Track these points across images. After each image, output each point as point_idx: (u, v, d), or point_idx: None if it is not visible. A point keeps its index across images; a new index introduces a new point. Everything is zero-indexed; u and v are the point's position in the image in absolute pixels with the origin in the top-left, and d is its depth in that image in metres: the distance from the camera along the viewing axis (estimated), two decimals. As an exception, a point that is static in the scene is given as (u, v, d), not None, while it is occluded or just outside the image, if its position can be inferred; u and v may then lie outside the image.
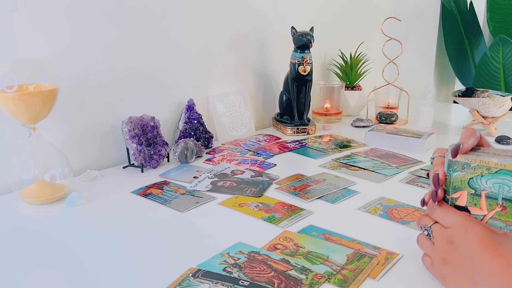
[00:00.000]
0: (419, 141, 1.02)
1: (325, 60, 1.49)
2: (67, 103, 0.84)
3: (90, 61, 0.87)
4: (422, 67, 1.84)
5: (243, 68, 1.20)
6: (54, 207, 0.72)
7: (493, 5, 1.82)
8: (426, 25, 1.80)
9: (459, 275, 0.46)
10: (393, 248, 0.58)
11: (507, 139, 1.08)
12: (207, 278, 0.51)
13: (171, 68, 1.02)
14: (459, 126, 1.28)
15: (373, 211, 0.70)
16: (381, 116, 1.32)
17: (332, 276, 0.52)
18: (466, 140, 0.49)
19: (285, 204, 0.72)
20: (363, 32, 1.59)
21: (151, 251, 0.58)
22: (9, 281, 0.52)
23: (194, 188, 0.79)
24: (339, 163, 0.93)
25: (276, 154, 1.00)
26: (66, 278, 0.52)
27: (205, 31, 1.08)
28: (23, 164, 0.72)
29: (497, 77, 1.77)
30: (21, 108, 0.68)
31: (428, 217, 0.52)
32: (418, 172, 0.88)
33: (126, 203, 0.74)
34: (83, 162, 0.89)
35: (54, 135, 0.82)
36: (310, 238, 0.61)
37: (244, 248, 0.58)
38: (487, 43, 1.96)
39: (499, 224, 0.47)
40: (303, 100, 1.19)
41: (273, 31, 1.26)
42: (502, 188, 0.46)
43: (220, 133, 1.12)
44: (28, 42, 0.78)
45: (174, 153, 0.93)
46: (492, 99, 1.12)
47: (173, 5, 0.99)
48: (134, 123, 0.88)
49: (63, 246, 0.60)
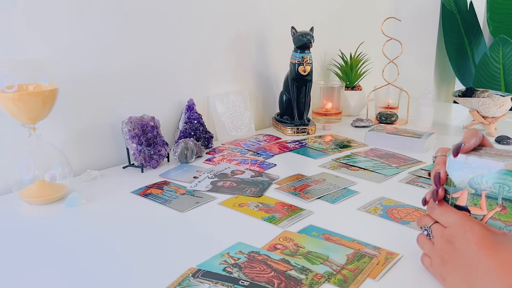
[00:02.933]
0: (419, 141, 1.02)
1: (325, 60, 1.49)
2: (67, 103, 0.84)
3: (90, 61, 0.87)
4: (422, 67, 1.84)
5: (243, 68, 1.20)
6: (54, 207, 0.72)
7: (493, 5, 1.82)
8: (426, 25, 1.80)
9: (457, 275, 0.46)
10: (393, 248, 0.58)
11: (507, 139, 1.08)
12: (207, 278, 0.51)
13: (171, 68, 1.02)
14: (459, 126, 1.28)
15: (373, 211, 0.70)
16: (381, 116, 1.32)
17: (332, 276, 0.52)
18: (468, 140, 0.49)
19: (285, 204, 0.72)
20: (363, 32, 1.59)
21: (151, 251, 0.58)
22: (9, 281, 0.52)
23: (194, 188, 0.79)
24: (339, 163, 0.93)
25: (276, 154, 1.00)
26: (66, 278, 0.52)
27: (205, 31, 1.08)
28: (23, 164, 0.72)
29: (497, 77, 1.77)
30: (21, 108, 0.68)
31: (428, 217, 0.52)
32: (418, 172, 0.88)
33: (126, 203, 0.74)
34: (83, 162, 0.89)
35: (54, 135, 0.82)
36: (310, 238, 0.61)
37: (244, 248, 0.58)
38: (487, 43, 1.96)
39: (499, 224, 0.47)
40: (303, 100, 1.19)
41: (273, 31, 1.26)
42: (502, 188, 0.46)
43: (220, 133, 1.12)
44: (28, 42, 0.78)
45: (174, 153, 0.93)
46: (492, 99, 1.12)
47: (173, 5, 0.99)
48: (134, 123, 0.88)
49: (63, 246, 0.60)
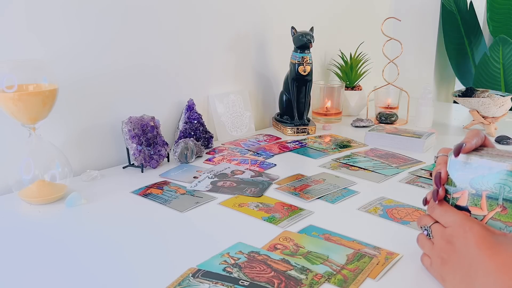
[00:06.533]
0: (419, 141, 1.02)
1: (325, 60, 1.49)
2: (67, 103, 0.84)
3: (90, 61, 0.87)
4: (422, 67, 1.84)
5: (243, 68, 1.20)
6: (54, 207, 0.72)
7: (493, 5, 1.82)
8: (426, 25, 1.80)
9: (457, 275, 0.46)
10: (393, 248, 0.58)
11: (507, 139, 1.08)
12: (207, 278, 0.51)
13: (171, 68, 1.02)
14: (459, 126, 1.28)
15: (373, 211, 0.70)
16: (381, 116, 1.32)
17: (332, 276, 0.52)
18: (470, 140, 0.49)
19: (285, 204, 0.72)
20: (363, 32, 1.59)
21: (151, 251, 0.58)
22: (9, 281, 0.52)
23: (194, 188, 0.79)
24: (339, 163, 0.93)
25: (276, 154, 1.00)
26: (66, 278, 0.52)
27: (205, 31, 1.08)
28: (23, 164, 0.72)
29: (497, 77, 1.77)
30: (21, 108, 0.68)
31: (428, 217, 0.52)
32: (418, 172, 0.88)
33: (126, 203, 0.74)
34: (83, 162, 0.89)
35: (54, 135, 0.82)
36: (310, 238, 0.61)
37: (244, 248, 0.58)
38: (487, 43, 1.96)
39: (499, 225, 0.47)
40: (303, 100, 1.19)
41: (273, 31, 1.26)
42: (503, 189, 0.46)
43: (220, 133, 1.12)
44: (27, 42, 0.78)
45: (174, 153, 0.93)
46: (492, 99, 1.12)
47: (173, 5, 0.99)
48: (134, 123, 0.88)
49: (63, 246, 0.60)
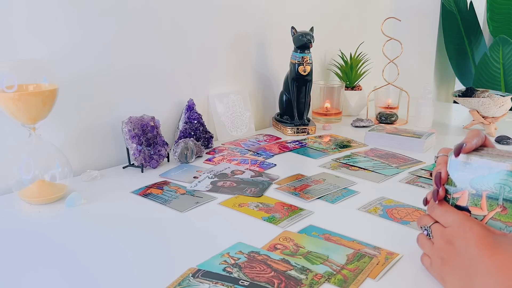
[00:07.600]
0: (419, 141, 1.02)
1: (325, 60, 1.49)
2: (67, 103, 0.84)
3: (90, 61, 0.87)
4: (422, 67, 1.84)
5: (243, 68, 1.20)
6: (54, 207, 0.72)
7: (493, 5, 1.82)
8: (426, 25, 1.80)
9: (457, 275, 0.46)
10: (393, 248, 0.58)
11: (507, 139, 1.08)
12: (207, 278, 0.51)
13: (171, 68, 1.02)
14: (459, 126, 1.28)
15: (373, 211, 0.70)
16: (381, 116, 1.32)
17: (332, 276, 0.52)
18: (470, 140, 0.49)
19: (285, 204, 0.72)
20: (363, 32, 1.59)
21: (151, 251, 0.58)
22: (9, 281, 0.52)
23: (194, 188, 0.79)
24: (339, 163, 0.93)
25: (276, 154, 1.00)
26: (66, 278, 0.52)
27: (205, 31, 1.08)
28: (23, 164, 0.72)
29: (497, 77, 1.77)
30: (21, 108, 0.68)
31: (428, 217, 0.52)
32: (418, 172, 0.88)
33: (126, 203, 0.74)
34: (83, 162, 0.89)
35: (54, 135, 0.82)
36: (310, 238, 0.61)
37: (244, 248, 0.58)
38: (487, 43, 1.96)
39: (499, 225, 0.47)
40: (303, 100, 1.19)
41: (273, 31, 1.26)
42: (503, 189, 0.46)
43: (220, 133, 1.12)
44: (28, 42, 0.78)
45: (174, 153, 0.93)
46: (492, 99, 1.12)
47: (174, 5, 0.99)
48: (134, 123, 0.88)
49: (63, 246, 0.60)
